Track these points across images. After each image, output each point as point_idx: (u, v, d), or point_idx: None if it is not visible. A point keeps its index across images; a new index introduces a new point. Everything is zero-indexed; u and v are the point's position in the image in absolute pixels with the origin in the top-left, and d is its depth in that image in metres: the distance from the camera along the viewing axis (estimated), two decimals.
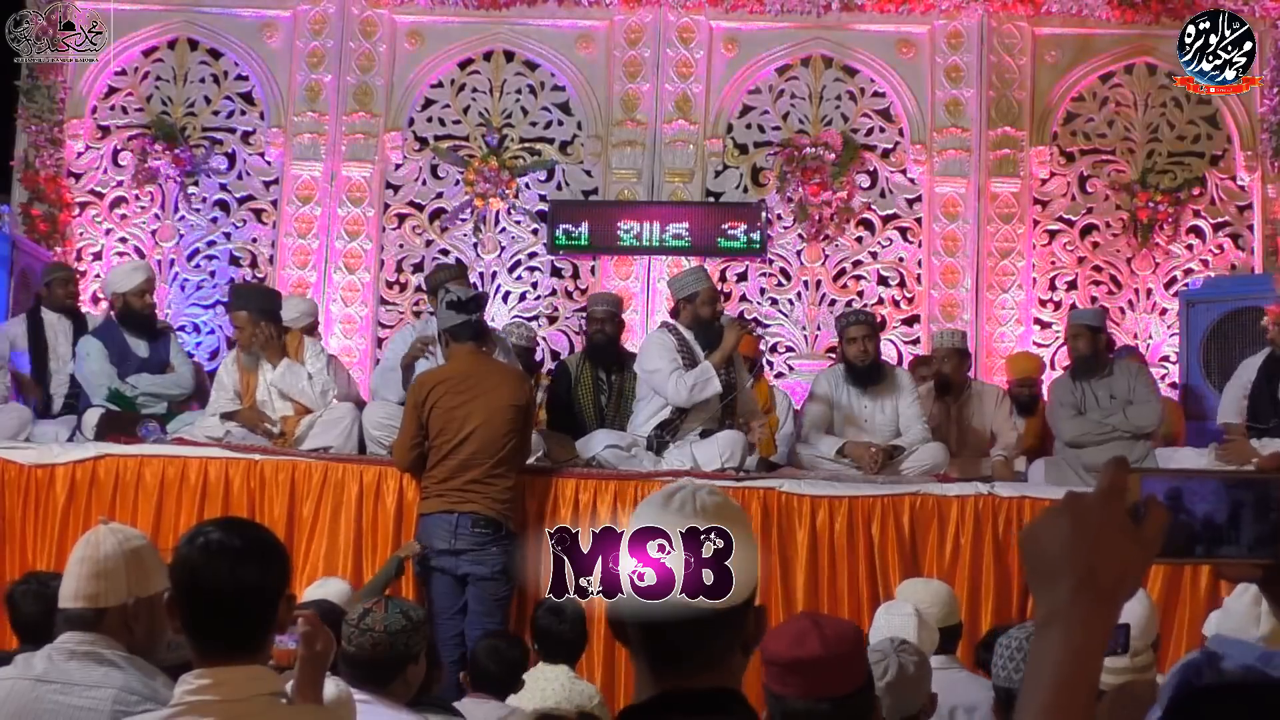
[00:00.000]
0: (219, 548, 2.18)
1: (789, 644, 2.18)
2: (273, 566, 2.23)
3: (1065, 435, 6.43)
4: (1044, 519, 1.15)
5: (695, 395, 5.95)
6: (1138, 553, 1.13)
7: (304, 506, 5.81)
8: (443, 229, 8.72)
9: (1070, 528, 1.13)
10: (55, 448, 6.00)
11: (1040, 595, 1.14)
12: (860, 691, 2.23)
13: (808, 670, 2.16)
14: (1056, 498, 3.92)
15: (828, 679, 2.18)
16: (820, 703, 2.16)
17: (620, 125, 8.66)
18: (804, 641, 2.18)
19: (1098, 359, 6.55)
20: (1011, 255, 8.56)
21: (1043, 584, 1.14)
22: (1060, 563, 1.13)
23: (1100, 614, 1.12)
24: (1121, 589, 1.13)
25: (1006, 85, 8.64)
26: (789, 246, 8.66)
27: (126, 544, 2.67)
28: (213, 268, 8.71)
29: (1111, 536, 1.12)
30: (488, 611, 5.39)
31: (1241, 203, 8.56)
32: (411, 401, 5.61)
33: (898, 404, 6.40)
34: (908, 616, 3.80)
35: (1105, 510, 1.13)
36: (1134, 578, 1.14)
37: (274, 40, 8.81)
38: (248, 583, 2.17)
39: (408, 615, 3.29)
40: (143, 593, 2.65)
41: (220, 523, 2.32)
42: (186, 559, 2.20)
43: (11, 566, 5.60)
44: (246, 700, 2.12)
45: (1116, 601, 1.14)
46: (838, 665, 2.19)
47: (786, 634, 2.22)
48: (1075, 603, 1.12)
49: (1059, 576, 1.13)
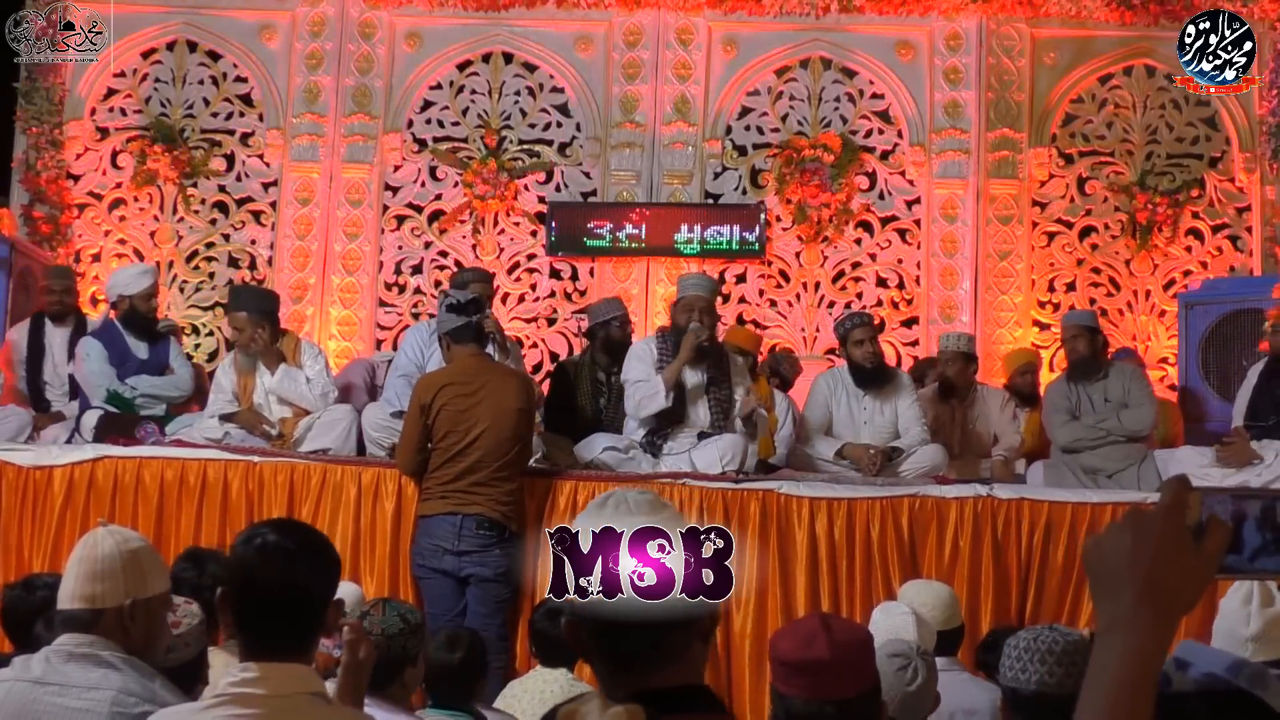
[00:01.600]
0: (275, 549, 2.22)
1: (798, 645, 2.19)
2: (325, 571, 2.28)
3: (1060, 440, 6.40)
4: (1107, 533, 1.21)
5: (641, 409, 6.04)
6: (1198, 567, 1.18)
7: (303, 508, 5.80)
8: (441, 231, 8.72)
9: (1132, 541, 1.18)
10: (54, 449, 6.00)
11: (1103, 605, 1.19)
12: (866, 695, 2.23)
13: (815, 672, 2.16)
14: (1055, 499, 3.93)
15: (834, 681, 2.17)
16: (825, 705, 2.15)
17: (619, 127, 8.66)
18: (813, 643, 2.18)
19: (1096, 361, 6.54)
20: (1010, 257, 8.56)
21: (1105, 595, 1.19)
22: (1122, 575, 1.18)
23: (1161, 623, 1.17)
24: (1181, 601, 1.18)
25: (1005, 87, 8.65)
26: (788, 248, 8.66)
27: (125, 545, 2.67)
28: (211, 269, 8.70)
29: (1172, 551, 1.17)
30: (489, 613, 5.38)
31: (1240, 204, 8.56)
32: (416, 404, 5.57)
33: (897, 406, 6.41)
34: (905, 616, 3.78)
35: (1166, 525, 1.18)
36: (1194, 591, 1.19)
37: (273, 42, 8.81)
38: (300, 585, 2.22)
39: (405, 618, 3.29)
40: (140, 594, 2.64)
41: (277, 524, 2.36)
42: (243, 559, 2.24)
43: (9, 568, 5.60)
44: (289, 696, 2.16)
45: (1176, 613, 1.18)
46: (845, 668, 2.19)
47: (796, 635, 2.22)
48: (1137, 612, 1.16)
49: (1121, 588, 1.18)
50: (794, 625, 2.30)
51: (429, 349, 6.34)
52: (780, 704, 2.20)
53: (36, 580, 3.83)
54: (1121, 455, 6.25)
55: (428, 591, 5.49)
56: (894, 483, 5.98)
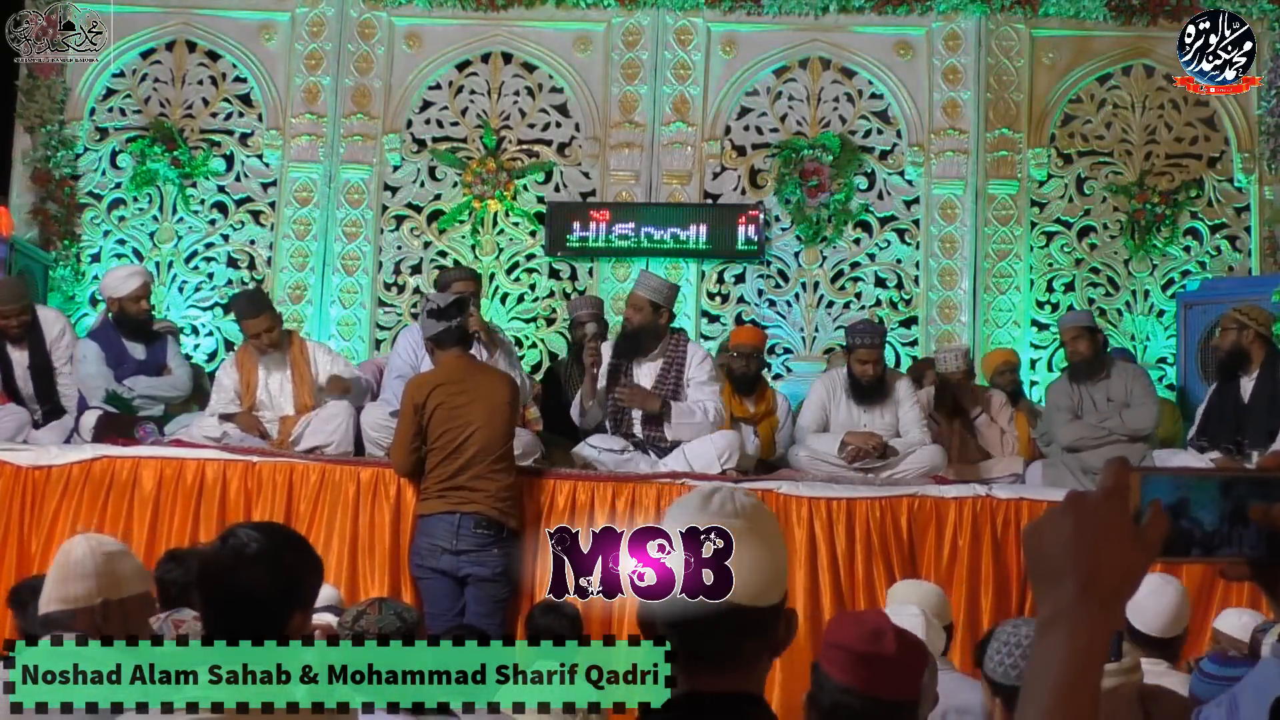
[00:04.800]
0: (233, 549, 2.18)
1: (866, 637, 2.18)
2: (282, 574, 2.20)
3: (1063, 440, 6.41)
4: (1046, 519, 1.15)
5: (578, 420, 6.24)
6: (1138, 555, 1.13)
7: (301, 507, 5.81)
8: (441, 231, 8.72)
9: (1073, 528, 1.13)
10: (53, 449, 6.00)
11: (1043, 595, 1.14)
12: (913, 703, 2.24)
13: (879, 666, 2.16)
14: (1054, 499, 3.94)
15: (893, 680, 2.18)
16: (876, 704, 2.16)
17: (618, 127, 8.66)
18: (881, 638, 2.18)
19: (1099, 361, 6.55)
20: (1009, 257, 8.56)
21: (1046, 584, 1.14)
22: (1063, 563, 1.13)
23: (1104, 615, 1.12)
24: (1124, 590, 1.14)
25: (1004, 87, 8.65)
26: (787, 248, 8.66)
27: (99, 549, 2.73)
28: (211, 270, 8.70)
29: (1113, 538, 1.13)
30: (488, 613, 5.38)
31: (1239, 204, 8.57)
32: (409, 404, 5.59)
33: (896, 410, 6.41)
34: (915, 617, 3.77)
35: (1107, 511, 1.13)
36: (1135, 579, 1.14)
37: (272, 42, 8.81)
38: (255, 587, 2.17)
39: (402, 617, 3.28)
40: (113, 595, 2.68)
41: (253, 525, 2.32)
42: (204, 555, 2.22)
43: (8, 568, 5.60)
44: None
45: (1119, 602, 1.14)
46: (905, 670, 2.21)
47: (862, 625, 2.22)
48: (1079, 603, 1.12)
49: (1062, 577, 1.13)
50: (857, 616, 2.30)
51: (421, 350, 6.37)
52: (828, 690, 2.19)
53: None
54: (1123, 454, 6.26)
55: (426, 591, 5.50)
56: (893, 483, 5.99)
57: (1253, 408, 6.17)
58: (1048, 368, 8.35)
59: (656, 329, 6.16)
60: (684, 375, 6.13)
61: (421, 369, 6.15)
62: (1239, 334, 6.29)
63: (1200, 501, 1.17)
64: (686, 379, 6.12)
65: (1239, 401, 6.25)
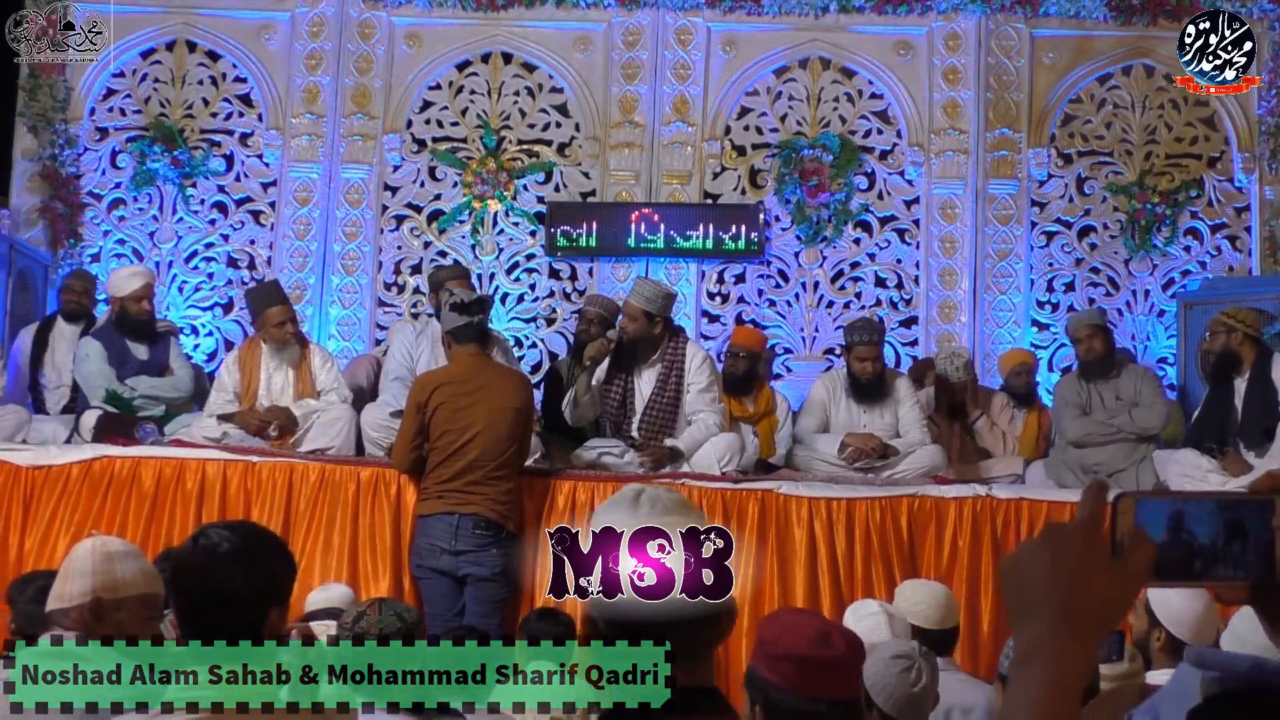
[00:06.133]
0: (204, 548, 2.17)
1: (812, 642, 2.13)
2: (255, 572, 2.19)
3: (1070, 435, 6.43)
4: (1023, 551, 1.14)
5: (569, 416, 6.26)
6: (1119, 585, 1.12)
7: (301, 507, 5.81)
8: (441, 231, 8.72)
9: (1050, 560, 1.11)
10: (53, 449, 6.00)
11: (1020, 628, 1.13)
12: (858, 700, 2.23)
13: (829, 669, 2.12)
14: (1054, 499, 3.92)
15: (842, 681, 2.16)
16: (819, 704, 2.12)
17: (618, 127, 8.66)
18: (829, 641, 2.14)
19: (1111, 359, 6.60)
20: (1009, 257, 8.56)
21: (1022, 617, 1.12)
22: (1039, 595, 1.11)
23: (1080, 647, 1.10)
24: (1102, 622, 1.12)
25: (1004, 87, 8.65)
26: (787, 248, 8.66)
27: (101, 548, 2.73)
28: (211, 270, 8.70)
29: (1091, 568, 1.11)
30: (487, 613, 5.39)
31: (1239, 204, 8.57)
32: (413, 403, 5.59)
33: (896, 410, 6.42)
34: (875, 615, 3.81)
35: (1085, 542, 1.12)
36: (1117, 610, 1.13)
37: (272, 42, 8.80)
38: (228, 586, 2.15)
39: (402, 617, 3.29)
40: (108, 594, 2.68)
41: (225, 524, 2.32)
42: (177, 556, 2.21)
43: (7, 568, 5.59)
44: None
45: (1095, 635, 1.12)
46: (853, 669, 2.19)
47: (802, 631, 2.16)
48: (1054, 637, 1.10)
49: (1039, 609, 1.11)
50: (788, 620, 2.26)
51: (417, 349, 6.38)
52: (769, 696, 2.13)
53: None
54: (1126, 454, 6.31)
55: (426, 591, 5.50)
56: (893, 483, 5.99)
57: (1247, 409, 6.19)
58: (1048, 368, 8.34)
59: (651, 338, 6.16)
60: (684, 380, 6.13)
61: (417, 369, 6.16)
62: (1228, 336, 6.30)
63: (1195, 523, 1.16)
64: (686, 384, 6.13)
65: (1233, 404, 6.26)
